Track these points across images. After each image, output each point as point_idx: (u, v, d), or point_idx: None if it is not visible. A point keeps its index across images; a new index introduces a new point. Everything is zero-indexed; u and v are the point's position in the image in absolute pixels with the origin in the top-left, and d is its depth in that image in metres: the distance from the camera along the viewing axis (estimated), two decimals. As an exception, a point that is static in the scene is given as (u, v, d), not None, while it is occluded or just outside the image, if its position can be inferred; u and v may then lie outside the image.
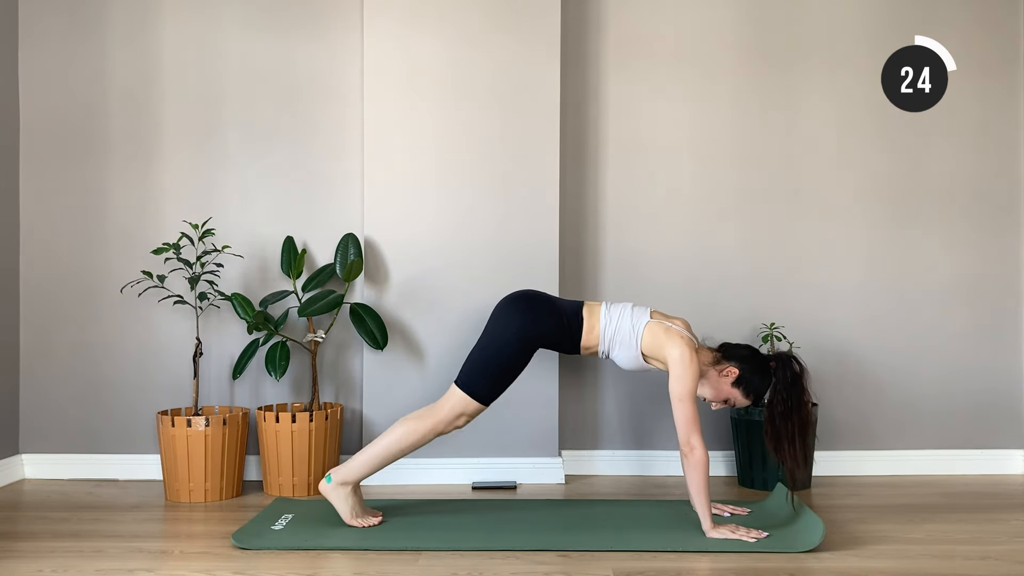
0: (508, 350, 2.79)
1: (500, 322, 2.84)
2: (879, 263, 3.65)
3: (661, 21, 3.63)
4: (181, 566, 2.48)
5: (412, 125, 3.47)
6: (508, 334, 2.80)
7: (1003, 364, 3.66)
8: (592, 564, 2.48)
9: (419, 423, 2.79)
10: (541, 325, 2.82)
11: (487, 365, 2.79)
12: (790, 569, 2.43)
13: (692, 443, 2.67)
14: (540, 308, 2.85)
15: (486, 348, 2.82)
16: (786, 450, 2.76)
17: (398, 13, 3.46)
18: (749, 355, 2.87)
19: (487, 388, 2.78)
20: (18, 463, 3.51)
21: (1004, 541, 2.71)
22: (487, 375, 2.78)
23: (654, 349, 2.81)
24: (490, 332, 2.84)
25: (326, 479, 2.82)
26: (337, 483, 2.80)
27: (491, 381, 2.79)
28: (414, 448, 2.82)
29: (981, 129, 3.66)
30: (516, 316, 2.82)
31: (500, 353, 2.79)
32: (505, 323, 2.82)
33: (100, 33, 3.54)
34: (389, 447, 2.79)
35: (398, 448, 2.79)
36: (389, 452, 2.80)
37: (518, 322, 2.81)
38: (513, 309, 2.85)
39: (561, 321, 2.84)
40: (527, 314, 2.83)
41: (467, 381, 2.78)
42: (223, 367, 3.53)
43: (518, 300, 2.88)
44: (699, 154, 3.64)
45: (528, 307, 2.85)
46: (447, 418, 2.79)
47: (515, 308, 2.85)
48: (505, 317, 2.84)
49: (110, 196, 3.54)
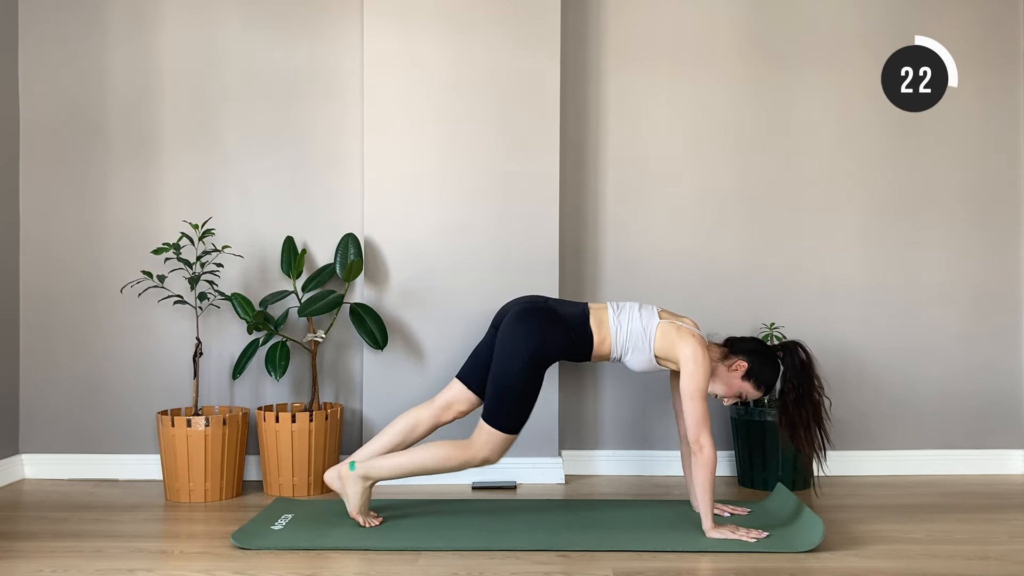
0: (521, 379, 2.75)
1: (508, 350, 2.77)
2: (879, 263, 3.65)
3: (661, 21, 3.63)
4: (181, 566, 2.48)
5: (412, 125, 3.47)
6: (518, 364, 2.74)
7: (1003, 364, 3.66)
8: (592, 564, 2.48)
9: (456, 453, 2.79)
10: (548, 348, 2.77)
11: (505, 399, 2.76)
12: (790, 569, 2.43)
13: (701, 442, 2.67)
14: (546, 328, 2.78)
15: (501, 380, 2.76)
16: (802, 437, 2.77)
17: (398, 13, 3.46)
18: (756, 347, 2.87)
19: (513, 421, 2.78)
20: (18, 463, 3.51)
21: (1004, 541, 2.71)
22: (510, 408, 2.76)
23: (667, 350, 2.80)
24: (500, 360, 2.78)
25: (350, 466, 2.81)
26: (360, 475, 2.81)
27: (515, 412, 2.77)
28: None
29: (981, 129, 3.66)
30: (522, 343, 2.75)
31: (514, 384, 2.75)
32: (513, 351, 2.75)
33: (100, 33, 3.54)
34: (421, 464, 2.80)
35: (428, 469, 2.81)
36: (418, 468, 2.81)
37: (525, 350, 2.74)
38: (518, 333, 2.78)
39: (568, 337, 2.80)
40: (532, 339, 2.76)
41: (493, 418, 2.77)
42: (223, 367, 3.53)
43: (522, 319, 2.80)
44: (699, 153, 3.64)
45: (531, 329, 2.77)
46: (481, 455, 2.79)
47: (520, 331, 2.78)
48: (512, 344, 2.77)
49: (110, 196, 3.55)
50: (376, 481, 2.83)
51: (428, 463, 2.80)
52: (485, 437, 2.78)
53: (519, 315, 2.81)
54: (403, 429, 2.90)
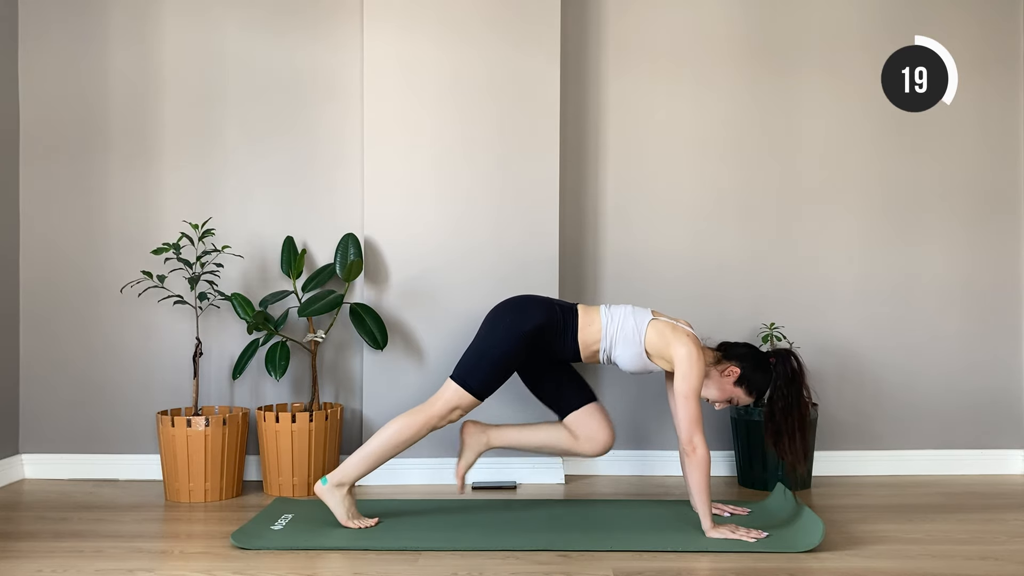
0: (501, 345, 2.81)
1: (491, 322, 2.89)
2: (879, 263, 3.65)
3: (661, 21, 3.63)
4: (181, 566, 2.48)
5: (412, 125, 3.47)
6: (499, 330, 2.83)
7: (1003, 364, 3.66)
8: (592, 564, 2.48)
9: (413, 418, 2.80)
10: (531, 317, 2.84)
11: (480, 360, 2.82)
12: (790, 569, 2.43)
13: (695, 442, 2.68)
14: (529, 303, 2.90)
15: (479, 344, 2.85)
16: (786, 445, 2.78)
17: (398, 14, 3.46)
18: (749, 353, 2.87)
19: (480, 382, 2.80)
20: (18, 463, 3.51)
21: (1004, 541, 2.71)
22: (480, 369, 2.80)
23: (660, 347, 2.81)
24: (483, 330, 2.89)
25: (321, 481, 2.81)
26: (333, 484, 2.80)
27: (484, 375, 2.80)
28: (409, 444, 2.82)
29: (981, 129, 3.66)
30: (507, 313, 2.87)
31: (492, 348, 2.82)
32: (495, 322, 2.87)
33: (100, 33, 3.54)
34: (384, 444, 2.80)
35: (393, 445, 2.79)
36: (384, 449, 2.80)
37: (508, 318, 2.85)
38: (504, 309, 2.90)
39: (553, 312, 2.86)
40: (516, 309, 2.87)
41: (461, 375, 2.81)
42: (223, 367, 3.53)
43: (508, 301, 2.95)
44: (699, 154, 3.64)
45: (517, 304, 2.91)
46: (441, 412, 2.80)
47: (505, 308, 2.91)
48: (496, 317, 2.89)
49: (110, 196, 3.55)
50: (352, 483, 2.81)
51: (390, 440, 2.78)
52: (449, 395, 2.80)
53: (504, 301, 2.95)
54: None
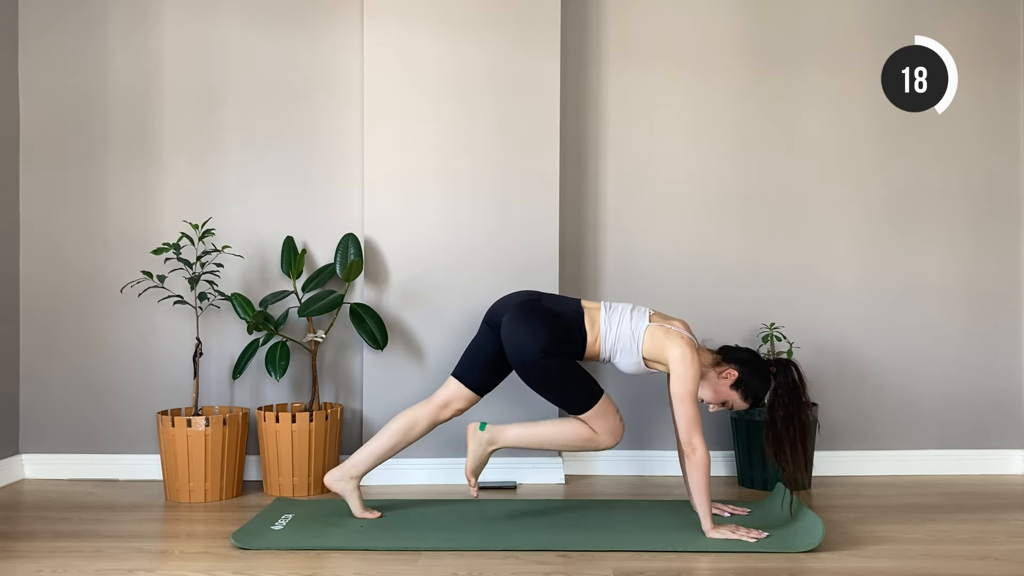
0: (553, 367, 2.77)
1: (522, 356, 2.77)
2: (879, 263, 3.65)
3: (661, 21, 3.63)
4: (181, 566, 2.48)
5: (412, 125, 3.47)
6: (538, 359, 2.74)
7: (1003, 364, 3.66)
8: (592, 564, 2.48)
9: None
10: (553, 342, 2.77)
11: (565, 389, 2.80)
12: (790, 569, 2.43)
13: (693, 443, 2.68)
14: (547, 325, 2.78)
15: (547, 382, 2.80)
16: (787, 454, 2.77)
17: (398, 13, 3.45)
18: (749, 358, 2.87)
19: (585, 394, 2.79)
20: (18, 463, 3.51)
21: (1004, 541, 2.71)
22: (573, 390, 2.80)
23: (655, 352, 2.81)
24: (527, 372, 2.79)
25: (480, 426, 2.87)
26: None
27: (578, 389, 2.80)
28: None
29: (981, 129, 3.66)
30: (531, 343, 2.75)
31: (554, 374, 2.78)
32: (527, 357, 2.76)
33: (100, 33, 3.54)
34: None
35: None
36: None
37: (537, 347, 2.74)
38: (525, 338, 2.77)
39: (567, 336, 2.81)
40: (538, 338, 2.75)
41: (576, 407, 2.81)
42: (223, 367, 3.53)
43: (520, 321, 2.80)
44: (699, 154, 3.64)
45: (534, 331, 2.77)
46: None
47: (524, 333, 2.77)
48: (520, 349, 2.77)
49: (110, 196, 3.55)
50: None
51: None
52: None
53: (517, 317, 2.81)
54: (400, 429, 2.93)
